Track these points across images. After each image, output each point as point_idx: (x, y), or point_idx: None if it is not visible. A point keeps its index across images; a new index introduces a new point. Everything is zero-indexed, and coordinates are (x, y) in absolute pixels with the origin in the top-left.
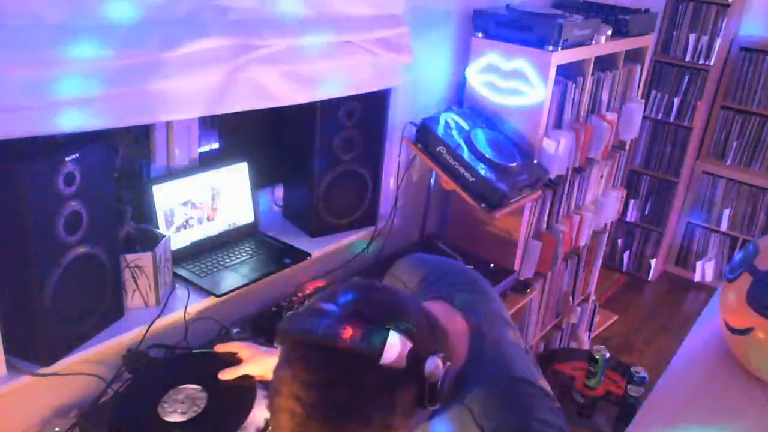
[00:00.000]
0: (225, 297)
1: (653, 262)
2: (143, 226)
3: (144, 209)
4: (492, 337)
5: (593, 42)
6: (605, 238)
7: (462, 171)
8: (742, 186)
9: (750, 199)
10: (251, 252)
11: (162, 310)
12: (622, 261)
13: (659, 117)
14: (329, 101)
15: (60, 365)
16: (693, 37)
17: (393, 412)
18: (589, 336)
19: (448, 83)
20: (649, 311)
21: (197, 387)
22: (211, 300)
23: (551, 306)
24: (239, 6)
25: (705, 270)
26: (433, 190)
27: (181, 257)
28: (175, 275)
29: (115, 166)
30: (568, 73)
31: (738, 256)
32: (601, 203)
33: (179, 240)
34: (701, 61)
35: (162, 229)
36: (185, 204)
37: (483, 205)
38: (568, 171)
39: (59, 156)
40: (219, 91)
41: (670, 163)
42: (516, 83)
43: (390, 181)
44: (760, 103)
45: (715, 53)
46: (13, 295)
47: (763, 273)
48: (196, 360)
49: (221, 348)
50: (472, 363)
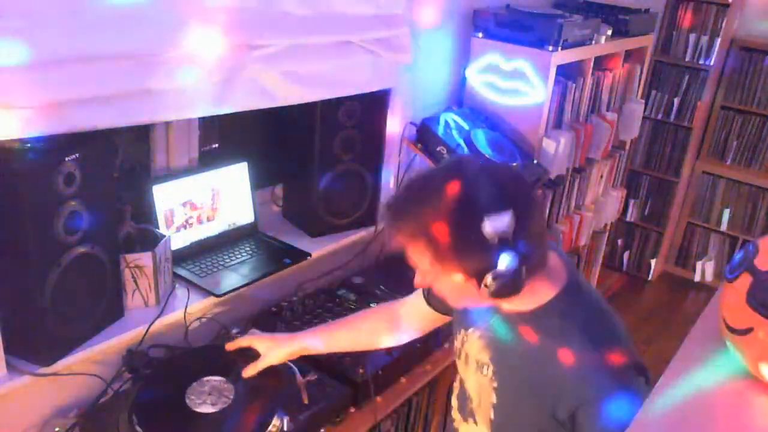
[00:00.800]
0: (225, 297)
1: (653, 262)
2: (143, 226)
3: (144, 209)
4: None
5: (593, 42)
6: (605, 238)
7: None
8: (742, 186)
9: (750, 199)
10: (251, 252)
11: (162, 310)
12: (622, 261)
13: (659, 117)
14: (329, 101)
15: (60, 365)
16: (693, 37)
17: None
18: None
19: (448, 83)
20: (649, 311)
21: (221, 378)
22: (211, 300)
23: None
24: (239, 6)
25: (705, 270)
26: None
27: (181, 257)
28: (175, 275)
29: (115, 166)
30: (568, 73)
31: (738, 256)
32: (601, 203)
33: (179, 240)
34: (701, 61)
35: (162, 229)
36: (185, 204)
37: None
38: (568, 171)
39: (59, 156)
40: (219, 91)
41: (670, 163)
42: (516, 83)
43: (390, 181)
44: (760, 103)
45: (715, 53)
46: (13, 295)
47: (763, 273)
48: (213, 353)
49: (232, 347)
50: (562, 301)
